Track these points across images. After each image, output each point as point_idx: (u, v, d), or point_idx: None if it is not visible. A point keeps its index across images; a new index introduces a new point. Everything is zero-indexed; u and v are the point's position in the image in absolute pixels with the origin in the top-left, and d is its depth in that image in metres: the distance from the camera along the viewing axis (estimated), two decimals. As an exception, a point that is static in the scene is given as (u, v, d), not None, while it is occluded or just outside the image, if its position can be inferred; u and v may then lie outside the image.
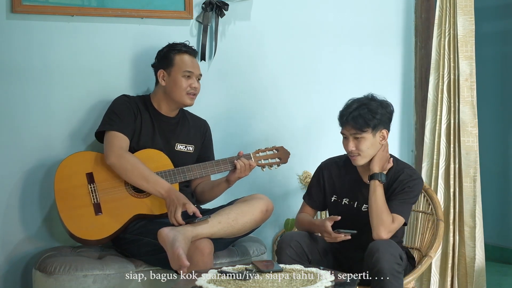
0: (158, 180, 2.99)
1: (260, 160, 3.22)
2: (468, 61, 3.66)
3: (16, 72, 3.21)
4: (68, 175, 3.05)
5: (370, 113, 2.88)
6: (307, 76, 3.76)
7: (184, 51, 3.19)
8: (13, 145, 3.21)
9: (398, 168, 3.01)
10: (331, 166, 3.10)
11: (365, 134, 2.89)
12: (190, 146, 3.25)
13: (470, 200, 3.64)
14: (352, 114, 2.89)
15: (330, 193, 3.07)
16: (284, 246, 2.87)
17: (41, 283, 2.91)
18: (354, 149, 2.91)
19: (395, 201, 2.91)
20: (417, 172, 3.05)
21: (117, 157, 3.01)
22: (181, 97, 3.16)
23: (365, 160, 2.94)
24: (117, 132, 3.06)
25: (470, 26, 3.65)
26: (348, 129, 2.92)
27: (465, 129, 3.65)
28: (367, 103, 2.91)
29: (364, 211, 2.99)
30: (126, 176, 3.01)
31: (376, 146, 2.93)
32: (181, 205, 2.91)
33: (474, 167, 3.65)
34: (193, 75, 3.17)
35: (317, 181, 3.11)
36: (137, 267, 2.97)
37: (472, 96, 3.66)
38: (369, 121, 2.87)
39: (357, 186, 3.02)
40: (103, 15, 3.33)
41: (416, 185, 2.96)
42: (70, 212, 3.01)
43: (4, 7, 3.16)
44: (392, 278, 2.68)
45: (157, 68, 3.21)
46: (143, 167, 3.00)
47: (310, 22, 3.75)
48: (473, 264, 3.60)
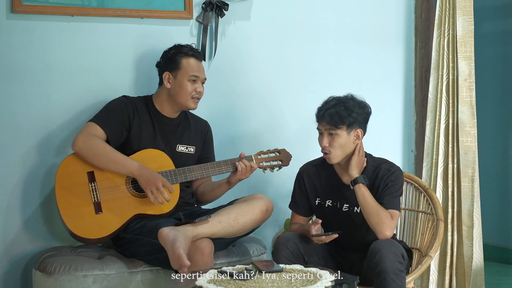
0: (126, 160, 3.01)
1: (261, 162, 3.23)
2: (467, 61, 3.66)
3: (16, 72, 3.21)
4: (69, 174, 3.05)
5: (346, 110, 2.91)
6: (307, 76, 3.76)
7: (191, 54, 3.18)
8: (13, 145, 3.21)
9: (374, 164, 3.02)
10: (309, 169, 3.11)
11: (339, 131, 2.91)
12: (191, 148, 3.25)
13: (468, 200, 3.64)
14: (329, 110, 2.92)
15: (313, 196, 3.08)
16: (281, 247, 2.88)
17: (41, 283, 2.91)
18: (327, 145, 2.93)
19: (385, 198, 2.92)
20: (393, 164, 3.04)
21: (82, 142, 3.02)
22: (186, 101, 3.16)
23: (338, 159, 2.95)
24: (96, 124, 3.07)
25: (469, 27, 3.65)
26: (323, 124, 2.94)
27: (463, 129, 3.65)
28: (345, 101, 2.95)
29: (345, 211, 3.00)
30: (93, 160, 3.02)
31: (349, 145, 2.95)
32: (160, 183, 2.95)
33: (472, 167, 3.65)
34: (198, 79, 3.18)
35: (298, 186, 3.11)
36: (137, 267, 2.97)
37: (471, 96, 3.66)
38: (344, 119, 2.90)
39: (335, 187, 3.04)
40: (103, 15, 3.33)
41: (397, 177, 2.97)
42: (70, 210, 3.01)
43: (4, 7, 3.16)
44: (394, 277, 2.69)
45: (162, 69, 3.20)
46: (110, 149, 3.02)
47: (310, 22, 3.75)
48: (470, 264, 3.61)
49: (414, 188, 3.35)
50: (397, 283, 2.69)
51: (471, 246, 3.61)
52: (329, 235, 2.83)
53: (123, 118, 3.11)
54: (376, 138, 3.45)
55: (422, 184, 3.31)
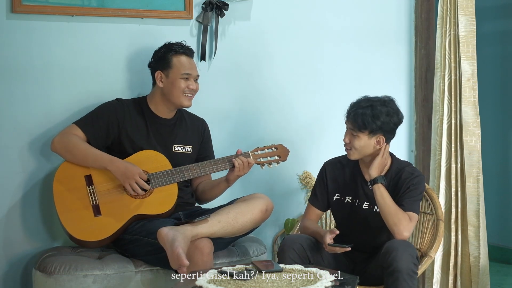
0: (99, 155, 3.03)
1: (259, 158, 3.22)
2: (469, 61, 3.66)
3: (16, 72, 3.21)
4: (66, 178, 3.05)
5: (372, 117, 2.90)
6: (307, 76, 3.76)
7: (181, 52, 3.19)
8: (13, 145, 3.21)
9: (399, 166, 3.02)
10: (334, 164, 3.12)
11: (361, 134, 2.93)
12: (188, 147, 3.25)
13: (474, 199, 3.64)
14: (356, 111, 2.92)
15: (332, 191, 3.08)
16: (286, 248, 2.88)
17: (41, 283, 2.91)
18: (348, 142, 2.97)
19: (405, 201, 2.92)
20: (417, 169, 3.07)
21: (57, 142, 3.06)
22: (179, 98, 3.16)
23: (357, 156, 2.98)
24: (76, 126, 3.09)
25: (471, 27, 3.64)
26: (348, 123, 2.97)
27: (467, 129, 3.65)
28: (375, 106, 2.92)
29: (364, 209, 3.00)
30: (67, 157, 3.05)
31: (369, 148, 2.95)
32: (137, 176, 2.97)
33: (477, 167, 3.64)
34: (191, 76, 3.17)
35: (320, 179, 3.13)
36: (137, 267, 2.97)
37: (474, 96, 3.66)
38: (368, 124, 2.90)
39: (359, 184, 3.04)
40: (103, 15, 3.33)
41: (419, 182, 2.98)
42: (69, 214, 3.01)
43: (4, 7, 3.16)
44: (408, 277, 2.69)
45: (154, 69, 3.21)
46: (84, 146, 3.04)
47: (310, 22, 3.75)
48: (477, 264, 3.60)
49: (415, 188, 3.34)
50: (408, 284, 2.69)
51: (478, 246, 3.60)
52: (343, 247, 2.81)
53: (110, 122, 3.11)
54: (376, 138, 3.44)
55: (422, 184, 3.31)
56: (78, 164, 3.05)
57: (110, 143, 3.13)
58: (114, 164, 3.01)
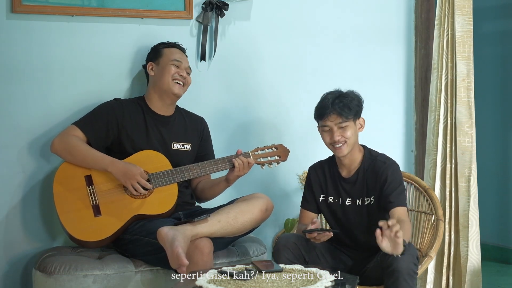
0: (98, 157, 3.03)
1: (259, 158, 3.22)
2: (465, 61, 3.65)
3: (16, 72, 3.21)
4: (66, 178, 3.05)
5: (350, 102, 2.95)
6: (307, 76, 3.76)
7: (173, 45, 3.25)
8: (13, 145, 3.21)
9: (371, 157, 3.05)
10: (317, 167, 3.15)
11: (349, 123, 2.95)
12: (187, 145, 3.25)
13: (463, 200, 3.64)
14: (336, 104, 2.94)
15: (318, 193, 3.10)
16: (281, 247, 2.88)
17: (41, 283, 2.91)
18: (340, 137, 2.95)
19: (391, 196, 2.92)
20: (389, 157, 3.07)
21: (57, 143, 3.07)
22: (168, 84, 3.16)
23: (349, 149, 2.98)
24: (76, 127, 3.10)
25: (468, 27, 3.64)
26: (332, 119, 2.95)
27: (461, 129, 3.64)
28: (343, 94, 2.99)
29: (348, 205, 3.02)
30: (68, 158, 3.05)
31: (356, 135, 3.00)
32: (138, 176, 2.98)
33: (469, 167, 3.63)
34: (181, 65, 3.20)
35: (307, 184, 3.16)
36: (137, 267, 2.97)
37: (469, 96, 3.65)
38: (352, 109, 2.95)
39: (337, 181, 3.06)
40: (103, 15, 3.33)
41: (395, 171, 2.99)
42: (69, 214, 3.01)
43: (4, 7, 3.16)
44: (408, 278, 2.68)
45: (146, 63, 3.25)
46: (84, 147, 3.04)
47: (310, 22, 3.75)
48: (466, 264, 3.60)
49: (414, 188, 3.35)
50: (409, 284, 2.68)
51: (466, 247, 3.61)
52: (322, 232, 2.79)
53: (109, 123, 3.11)
54: (376, 138, 3.45)
55: (422, 185, 3.31)
56: (75, 164, 3.06)
57: (110, 143, 3.13)
58: (115, 166, 3.01)
